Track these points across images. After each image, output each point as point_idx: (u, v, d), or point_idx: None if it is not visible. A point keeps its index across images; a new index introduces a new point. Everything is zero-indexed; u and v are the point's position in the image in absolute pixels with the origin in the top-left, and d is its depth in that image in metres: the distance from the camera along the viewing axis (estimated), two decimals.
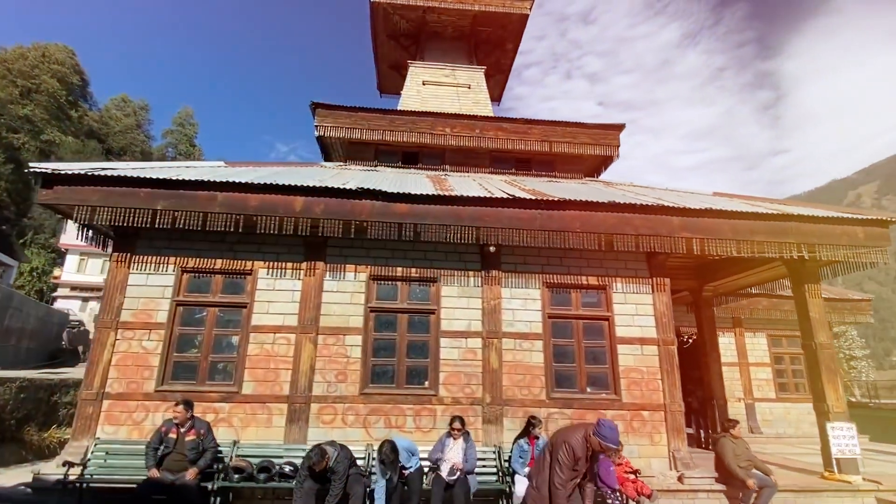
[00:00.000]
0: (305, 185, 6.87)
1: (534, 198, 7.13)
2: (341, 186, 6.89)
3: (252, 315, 7.19)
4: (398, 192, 6.93)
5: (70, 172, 6.58)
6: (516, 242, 7.03)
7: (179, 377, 6.95)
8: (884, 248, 7.58)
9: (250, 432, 6.72)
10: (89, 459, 6.10)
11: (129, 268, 7.19)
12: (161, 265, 7.27)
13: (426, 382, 7.28)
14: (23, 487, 6.23)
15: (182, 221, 6.66)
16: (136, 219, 6.60)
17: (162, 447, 5.72)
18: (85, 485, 5.82)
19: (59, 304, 32.85)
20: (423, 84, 15.42)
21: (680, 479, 6.92)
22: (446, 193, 7.05)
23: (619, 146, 11.22)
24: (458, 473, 5.88)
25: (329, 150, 11.66)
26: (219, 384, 6.95)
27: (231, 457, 6.24)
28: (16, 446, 8.31)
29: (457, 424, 6.19)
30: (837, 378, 7.82)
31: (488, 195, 7.09)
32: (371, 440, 6.81)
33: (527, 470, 6.20)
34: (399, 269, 7.60)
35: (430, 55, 16.49)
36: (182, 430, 5.78)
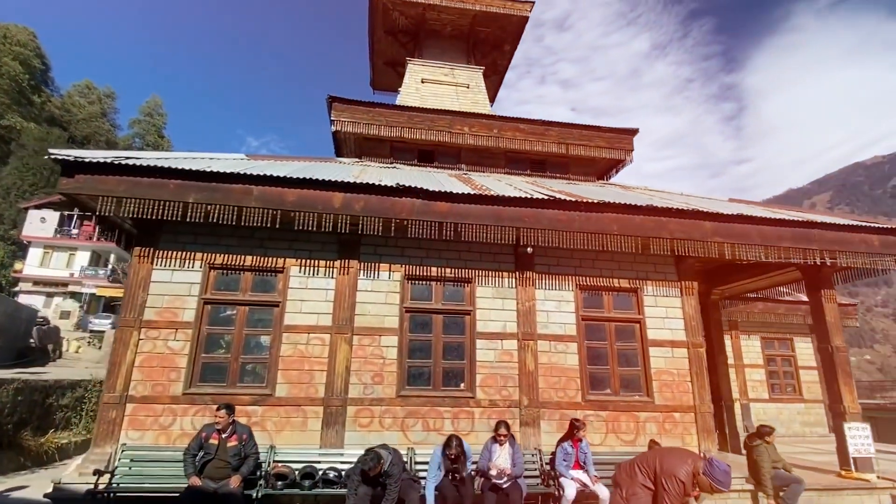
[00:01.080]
0: (345, 180, 6.66)
1: (573, 199, 7.12)
2: (382, 183, 6.71)
3: (284, 314, 6.91)
4: (439, 191, 6.80)
5: (94, 161, 6.18)
6: (555, 244, 7.00)
7: (208, 379, 6.62)
8: (894, 255, 7.92)
9: (285, 436, 6.46)
10: (117, 467, 5.72)
11: (152, 263, 6.80)
12: (187, 261, 6.90)
13: (462, 384, 7.18)
14: (44, 498, 5.79)
15: (216, 216, 6.35)
16: (165, 212, 6.25)
17: (201, 454, 5.42)
18: (113, 494, 5.48)
19: (21, 300, 31.07)
20: (423, 82, 15.26)
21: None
22: (487, 193, 6.97)
23: (632, 150, 11.37)
24: (506, 478, 5.81)
25: (342, 146, 11.38)
26: (250, 386, 6.66)
27: (269, 462, 5.99)
28: (13, 452, 7.74)
29: (503, 430, 6.09)
30: (852, 380, 8.12)
31: (527, 196, 7.04)
32: (409, 443, 6.66)
33: (573, 472, 6.20)
34: (434, 268, 7.47)
35: (428, 53, 16.34)
36: (224, 435, 5.49)
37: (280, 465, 5.90)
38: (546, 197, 7.05)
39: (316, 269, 7.18)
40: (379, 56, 18.45)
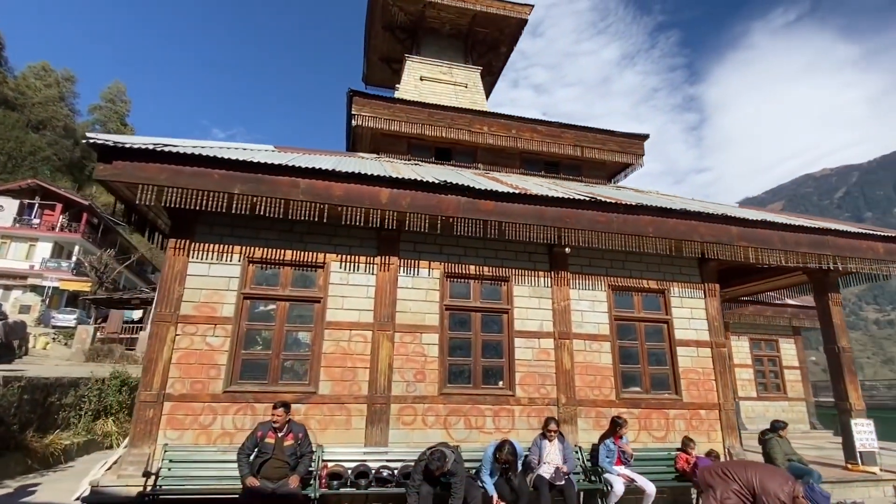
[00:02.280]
0: (392, 176, 6.58)
1: (613, 201, 7.27)
2: (427, 180, 6.67)
3: (326, 310, 6.76)
4: (485, 189, 6.81)
5: (135, 147, 5.88)
6: (594, 245, 7.14)
7: (248, 376, 6.40)
8: None
9: (329, 435, 6.32)
10: (160, 468, 5.46)
11: (188, 256, 6.52)
12: (224, 254, 6.66)
13: (500, 382, 7.21)
14: (77, 501, 5.48)
15: (262, 209, 6.16)
16: (209, 203, 6.01)
17: (256, 453, 5.25)
18: (159, 496, 5.24)
19: None
20: (421, 80, 15.22)
21: None
22: (530, 193, 7.02)
23: (643, 154, 11.67)
24: (561, 475, 5.88)
25: (358, 141, 11.20)
26: (292, 384, 6.49)
27: (318, 461, 5.84)
28: (20, 454, 7.26)
29: (553, 426, 6.17)
30: (857, 378, 8.62)
31: (569, 196, 7.14)
32: (453, 441, 6.62)
33: (617, 468, 6.33)
34: (472, 266, 7.47)
35: (426, 51, 16.30)
36: (280, 434, 5.33)
37: (333, 464, 5.78)
38: (587, 198, 7.17)
39: (356, 264, 7.06)
40: (374, 51, 18.26)
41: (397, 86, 16.23)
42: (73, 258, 33.16)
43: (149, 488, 5.19)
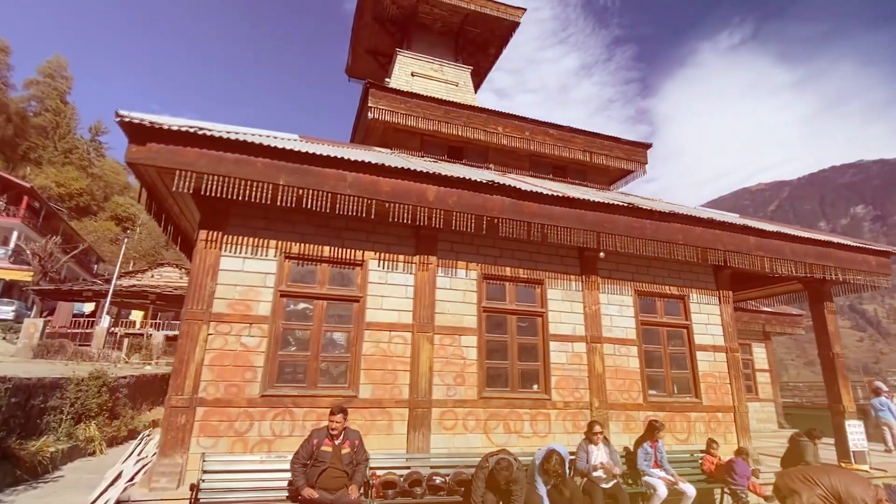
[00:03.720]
0: (440, 173, 6.39)
1: (648, 208, 7.39)
2: (474, 179, 6.53)
3: (365, 310, 6.47)
4: (530, 191, 6.76)
5: (172, 128, 5.39)
6: (630, 250, 7.23)
7: (286, 379, 6.03)
8: (887, 275, 9.09)
9: (371, 441, 6.02)
10: (200, 480, 5.01)
11: (220, 249, 6.05)
12: (259, 249, 6.23)
13: (535, 386, 7.17)
14: None
15: (309, 202, 5.81)
16: (252, 194, 5.61)
17: (311, 462, 4.93)
18: None
19: None
20: (413, 76, 15.02)
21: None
22: (572, 196, 7.02)
23: (646, 163, 11.97)
24: (610, 478, 5.90)
25: (369, 136, 10.84)
26: (332, 387, 6.16)
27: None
28: (8, 464, 6.50)
29: (598, 429, 6.18)
30: (849, 382, 9.19)
31: (609, 202, 7.20)
32: (493, 446, 6.51)
33: (654, 471, 6.43)
34: (508, 268, 7.38)
35: (416, 47, 16.09)
36: (337, 441, 5.04)
37: (385, 472, 5.53)
38: (625, 204, 7.25)
39: (395, 263, 6.80)
40: (361, 42, 17.85)
41: (387, 80, 15.89)
42: (12, 244, 30.36)
43: (164, 498, 4.75)
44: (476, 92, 19.90)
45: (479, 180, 6.53)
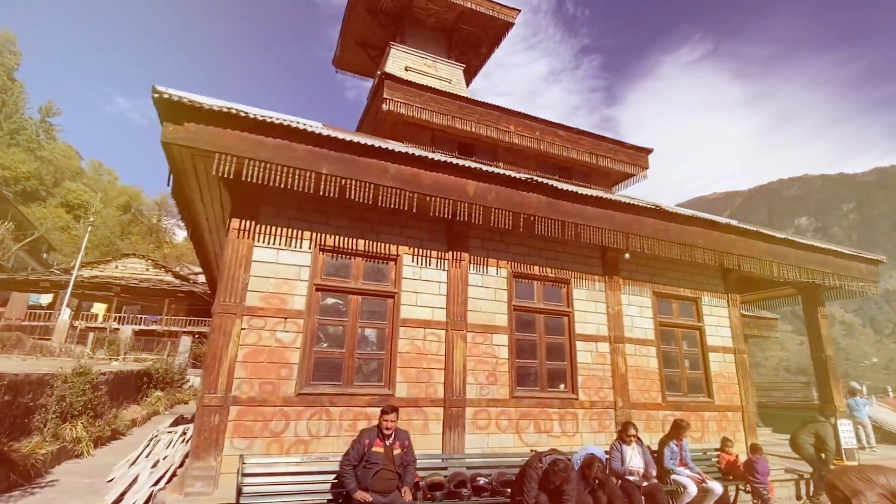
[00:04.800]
0: (481, 168, 6.28)
1: (672, 211, 7.52)
2: (514, 175, 6.46)
3: (400, 306, 6.28)
4: (565, 190, 6.74)
5: (214, 108, 5.05)
6: (655, 252, 7.34)
7: (321, 377, 5.76)
8: (875, 282, 9.62)
9: None
10: (241, 485, 4.70)
11: (252, 239, 5.72)
12: (293, 240, 5.94)
13: (562, 385, 7.15)
14: None
15: (352, 192, 5.58)
16: (295, 181, 5.35)
17: (363, 464, 4.72)
18: None
19: None
20: (407, 70, 14.85)
21: None
22: (604, 197, 7.05)
23: (648, 168, 12.22)
24: (646, 479, 5.95)
25: (379, 126, 10.56)
26: (369, 385, 5.94)
27: None
28: (3, 468, 5.92)
29: (633, 431, 6.21)
30: (839, 383, 9.67)
31: (636, 203, 7.28)
32: (524, 445, 6.48)
33: (680, 469, 6.54)
34: (536, 267, 7.34)
35: (410, 41, 15.95)
36: (388, 442, 4.84)
37: (428, 473, 5.37)
38: (652, 206, 7.35)
39: (428, 259, 6.64)
40: (351, 34, 17.52)
41: (379, 73, 15.62)
42: None
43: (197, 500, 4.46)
44: (466, 90, 19.85)
45: (517, 177, 6.46)
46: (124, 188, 64.43)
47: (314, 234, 6.04)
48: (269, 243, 5.81)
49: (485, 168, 6.30)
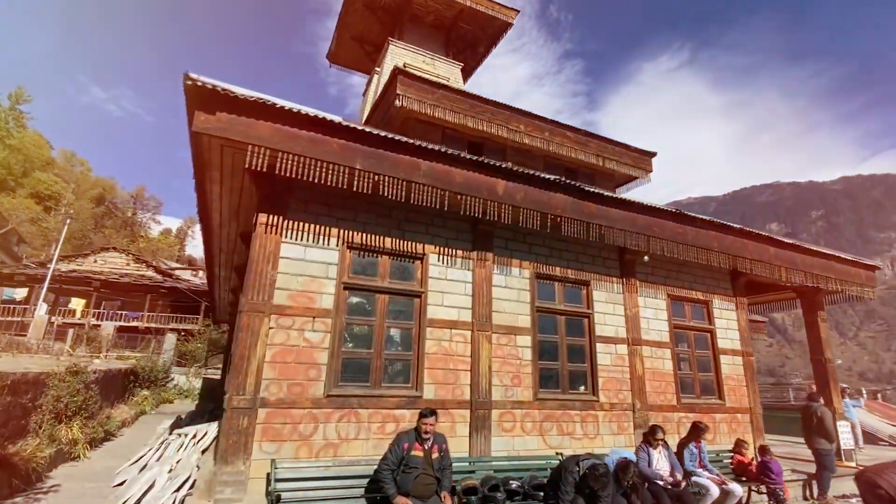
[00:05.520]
0: (510, 167, 6.21)
1: (692, 215, 7.58)
2: (542, 176, 6.40)
3: (427, 306, 6.15)
4: (591, 191, 6.73)
5: (248, 98, 4.85)
6: (673, 254, 7.38)
7: (349, 378, 5.59)
8: (872, 287, 9.90)
9: None
10: (275, 491, 4.51)
11: (280, 235, 5.52)
12: (321, 237, 5.75)
13: (582, 387, 7.13)
14: None
15: (384, 189, 5.44)
16: (329, 176, 5.18)
17: (402, 468, 4.60)
18: None
19: None
20: (405, 67, 14.74)
21: None
22: (628, 199, 7.06)
23: (651, 171, 12.33)
24: (674, 483, 5.96)
25: (388, 122, 10.38)
26: (396, 387, 5.80)
27: None
28: (5, 472, 5.57)
29: (660, 434, 6.20)
30: (839, 386, 9.92)
31: (658, 206, 7.31)
32: (548, 448, 6.43)
33: (700, 471, 6.58)
34: (557, 268, 7.30)
35: (408, 38, 15.85)
36: (426, 445, 4.72)
37: (461, 477, 5.26)
38: (673, 209, 7.39)
39: (454, 259, 6.53)
40: (348, 28, 17.33)
41: (376, 69, 15.47)
42: None
43: None
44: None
45: (545, 177, 6.41)
46: (98, 180, 62.24)
47: (341, 230, 5.87)
48: (296, 239, 5.61)
49: (515, 168, 6.22)
